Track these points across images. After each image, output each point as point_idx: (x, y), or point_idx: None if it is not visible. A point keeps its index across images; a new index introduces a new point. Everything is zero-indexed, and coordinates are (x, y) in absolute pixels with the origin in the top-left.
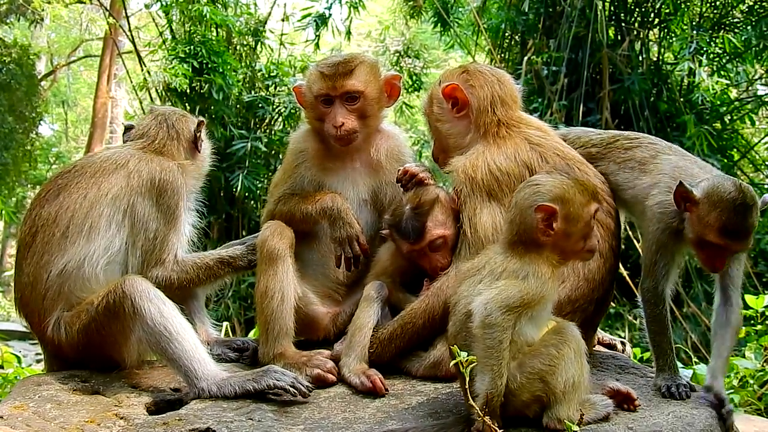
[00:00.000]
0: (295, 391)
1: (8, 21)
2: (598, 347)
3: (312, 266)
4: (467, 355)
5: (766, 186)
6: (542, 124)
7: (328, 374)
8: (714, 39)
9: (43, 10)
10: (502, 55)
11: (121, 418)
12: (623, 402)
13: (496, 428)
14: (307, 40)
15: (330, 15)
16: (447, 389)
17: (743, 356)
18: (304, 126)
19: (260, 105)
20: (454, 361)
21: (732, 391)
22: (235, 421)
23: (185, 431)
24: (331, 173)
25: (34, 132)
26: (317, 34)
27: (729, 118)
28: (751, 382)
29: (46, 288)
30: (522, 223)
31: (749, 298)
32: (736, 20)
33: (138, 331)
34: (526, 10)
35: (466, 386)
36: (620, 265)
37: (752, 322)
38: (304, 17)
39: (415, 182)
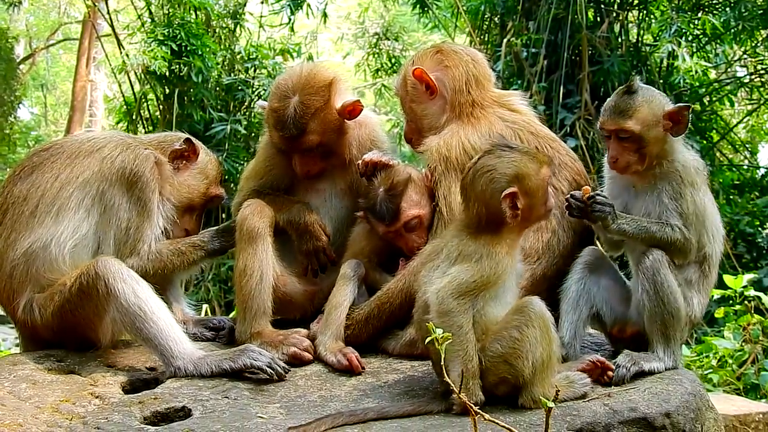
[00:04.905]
0: (272, 372)
1: None
2: None
3: (290, 245)
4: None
5: (745, 167)
6: (515, 100)
7: (304, 353)
8: (693, 20)
9: None
10: (482, 37)
11: (97, 397)
12: (600, 375)
13: (473, 405)
14: (281, 24)
15: None
16: (423, 367)
17: (722, 336)
18: None
19: (240, 87)
20: (429, 339)
21: (711, 371)
22: (211, 399)
23: (161, 410)
24: None
25: (12, 116)
26: (290, 17)
27: (708, 99)
28: (730, 361)
29: (12, 266)
30: (488, 213)
31: (728, 279)
32: (715, 2)
33: (112, 311)
34: None
35: (442, 363)
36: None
37: (731, 302)
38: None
39: (378, 169)
